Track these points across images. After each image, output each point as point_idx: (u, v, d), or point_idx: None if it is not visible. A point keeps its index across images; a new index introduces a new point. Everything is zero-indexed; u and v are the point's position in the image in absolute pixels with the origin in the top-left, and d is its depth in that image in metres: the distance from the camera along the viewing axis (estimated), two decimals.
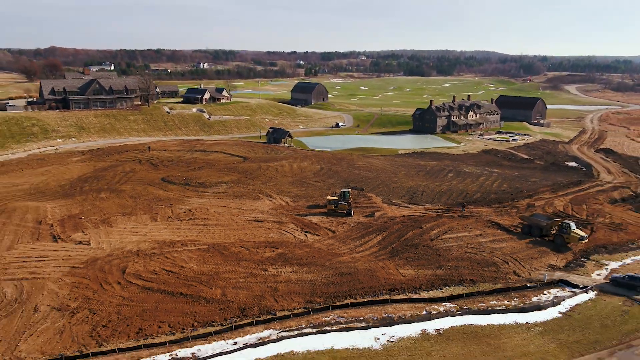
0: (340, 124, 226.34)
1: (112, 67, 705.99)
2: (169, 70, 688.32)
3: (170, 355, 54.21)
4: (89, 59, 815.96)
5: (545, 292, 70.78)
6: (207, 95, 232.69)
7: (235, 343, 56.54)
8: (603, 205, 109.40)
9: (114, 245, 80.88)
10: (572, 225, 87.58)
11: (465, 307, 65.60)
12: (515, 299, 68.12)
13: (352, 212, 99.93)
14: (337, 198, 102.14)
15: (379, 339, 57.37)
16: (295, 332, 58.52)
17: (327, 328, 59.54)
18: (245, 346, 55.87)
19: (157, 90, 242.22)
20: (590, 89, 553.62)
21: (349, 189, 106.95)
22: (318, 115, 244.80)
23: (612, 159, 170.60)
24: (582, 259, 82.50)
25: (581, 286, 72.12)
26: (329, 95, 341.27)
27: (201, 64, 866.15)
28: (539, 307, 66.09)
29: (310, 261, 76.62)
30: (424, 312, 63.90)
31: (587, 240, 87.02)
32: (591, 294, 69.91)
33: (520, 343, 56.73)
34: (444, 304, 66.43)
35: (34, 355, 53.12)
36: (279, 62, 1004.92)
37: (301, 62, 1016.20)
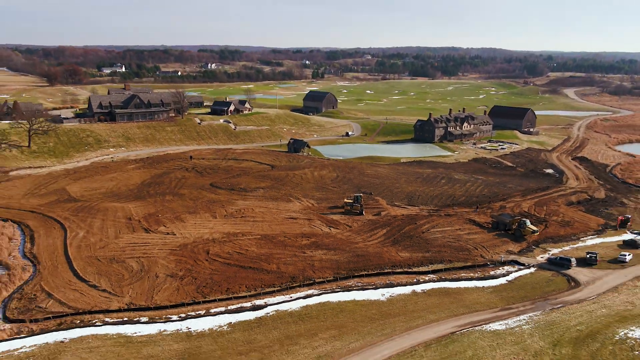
0: (350, 133, 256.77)
1: (123, 69, 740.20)
2: (179, 73, 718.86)
3: (250, 303, 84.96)
4: (98, 59, 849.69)
5: (500, 268, 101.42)
6: (232, 107, 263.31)
7: (291, 297, 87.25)
8: (560, 206, 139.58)
9: (193, 235, 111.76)
10: (527, 222, 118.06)
11: (443, 277, 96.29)
12: (478, 272, 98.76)
13: (364, 212, 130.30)
14: (352, 201, 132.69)
15: (384, 294, 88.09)
16: (329, 291, 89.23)
17: (350, 288, 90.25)
18: (298, 298, 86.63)
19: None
20: (588, 92, 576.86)
21: (361, 194, 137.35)
22: (330, 125, 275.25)
23: (584, 167, 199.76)
24: (533, 247, 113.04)
25: (526, 264, 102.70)
26: (337, 101, 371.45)
27: (209, 65, 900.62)
28: (493, 277, 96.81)
29: (335, 247, 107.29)
30: (414, 280, 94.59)
31: (538, 233, 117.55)
32: (532, 269, 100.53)
33: (476, 297, 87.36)
34: (428, 275, 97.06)
35: (165, 303, 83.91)
36: (285, 62, 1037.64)
37: (307, 61, 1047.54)
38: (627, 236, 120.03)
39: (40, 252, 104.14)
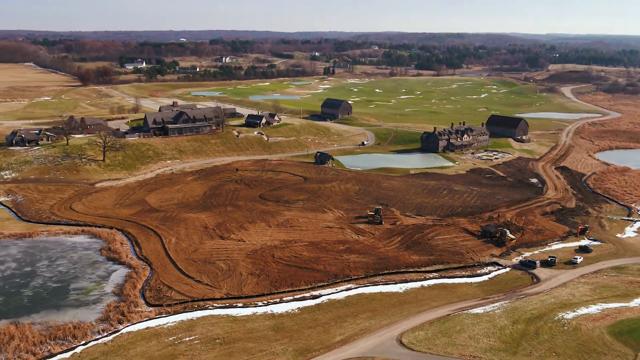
0: (365, 143, 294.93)
1: (144, 64, 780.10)
2: (197, 69, 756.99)
3: (310, 293, 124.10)
4: (118, 53, 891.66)
5: (484, 268, 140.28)
6: (263, 120, 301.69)
7: (337, 289, 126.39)
8: (536, 216, 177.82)
9: (259, 242, 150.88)
10: (507, 231, 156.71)
11: (442, 275, 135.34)
12: (468, 271, 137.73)
13: (383, 222, 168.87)
14: (373, 213, 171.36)
15: (401, 288, 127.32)
16: (362, 285, 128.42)
17: (377, 283, 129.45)
18: (342, 290, 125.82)
19: None
20: (584, 90, 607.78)
21: (380, 207, 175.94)
22: (347, 134, 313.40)
23: (564, 176, 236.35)
24: (511, 251, 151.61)
25: (503, 265, 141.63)
26: (349, 102, 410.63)
27: (223, 58, 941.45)
28: (479, 275, 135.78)
29: (363, 251, 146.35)
30: (422, 277, 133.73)
31: (515, 240, 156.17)
32: (507, 269, 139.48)
33: (465, 289, 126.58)
34: (432, 273, 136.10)
35: (251, 293, 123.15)
36: (295, 54, 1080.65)
37: (316, 53, 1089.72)
38: (583, 242, 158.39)
39: (149, 255, 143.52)
